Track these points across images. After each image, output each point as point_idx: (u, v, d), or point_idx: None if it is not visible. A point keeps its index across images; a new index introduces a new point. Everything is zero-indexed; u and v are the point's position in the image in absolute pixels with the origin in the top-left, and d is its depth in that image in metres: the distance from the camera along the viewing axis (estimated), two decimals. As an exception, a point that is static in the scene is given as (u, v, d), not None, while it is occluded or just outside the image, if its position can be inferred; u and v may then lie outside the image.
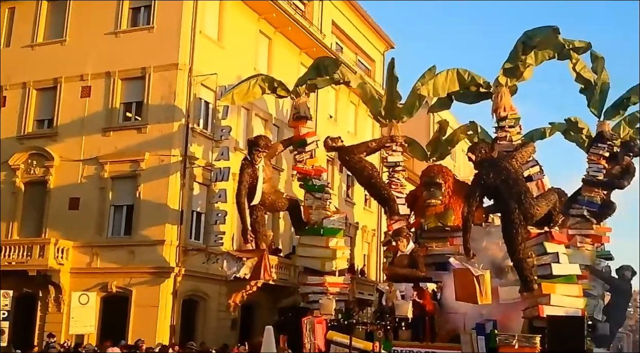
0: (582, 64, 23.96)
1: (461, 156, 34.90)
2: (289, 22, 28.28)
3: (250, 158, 21.48)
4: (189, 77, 23.65)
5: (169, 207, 22.74)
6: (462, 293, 18.19)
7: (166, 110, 23.39)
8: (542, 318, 17.81)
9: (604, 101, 24.32)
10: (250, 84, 23.24)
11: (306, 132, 23.98)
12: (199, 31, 24.23)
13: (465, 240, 18.55)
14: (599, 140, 24.16)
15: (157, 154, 23.08)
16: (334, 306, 21.50)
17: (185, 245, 22.98)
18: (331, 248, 22.78)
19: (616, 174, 24.03)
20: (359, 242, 34.49)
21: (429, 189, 23.88)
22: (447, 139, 28.27)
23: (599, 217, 24.15)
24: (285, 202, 23.41)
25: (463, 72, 23.35)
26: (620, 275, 27.34)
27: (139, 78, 24.05)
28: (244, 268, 21.03)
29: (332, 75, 24.13)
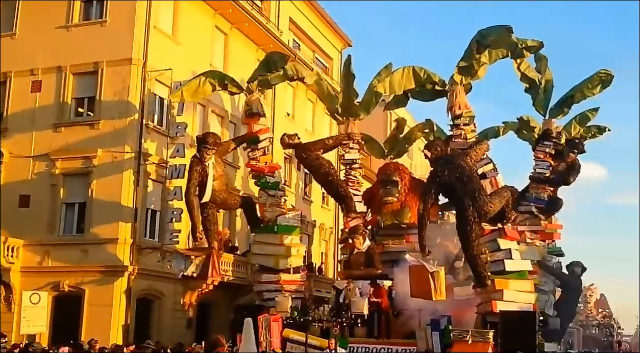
0: (526, 64, 24.30)
1: (418, 154, 35.20)
2: (246, 18, 28.08)
3: (200, 155, 21.27)
4: (142, 72, 23.31)
5: (123, 205, 22.39)
6: (417, 290, 18.29)
7: (119, 106, 23.01)
8: (495, 314, 18.01)
9: (548, 100, 24.73)
10: (201, 80, 22.89)
11: (259, 128, 23.75)
12: (153, 26, 23.90)
13: (421, 237, 18.69)
14: (545, 138, 24.56)
15: (110, 151, 22.70)
16: (289, 304, 21.41)
17: (139, 243, 22.67)
18: (285, 245, 22.70)
19: (562, 171, 24.44)
20: (316, 240, 34.49)
21: (385, 187, 24.00)
22: (404, 137, 28.38)
23: (547, 213, 24.50)
24: (238, 199, 23.25)
25: (419, 69, 23.45)
26: (571, 271, 28.01)
27: (91, 73, 23.62)
28: (192, 266, 20.90)
29: (281, 71, 23.92)
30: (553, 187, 24.68)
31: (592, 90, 24.29)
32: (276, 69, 23.81)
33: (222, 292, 24.08)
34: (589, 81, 24.35)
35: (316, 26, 36.42)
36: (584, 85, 24.43)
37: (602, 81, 24.22)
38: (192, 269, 20.92)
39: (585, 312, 75.89)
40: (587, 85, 24.34)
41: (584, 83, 24.47)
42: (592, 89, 24.27)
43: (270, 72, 23.89)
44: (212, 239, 21.69)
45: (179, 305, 23.38)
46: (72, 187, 23.34)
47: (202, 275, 21.08)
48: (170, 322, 23.52)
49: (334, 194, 25.05)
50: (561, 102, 24.85)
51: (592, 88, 24.26)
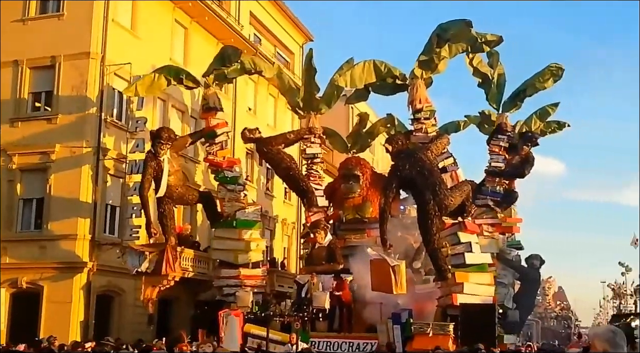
0: (478, 59, 24.51)
1: (380, 149, 35.30)
2: (206, 12, 27.87)
3: (154, 150, 21.13)
4: (101, 66, 23.03)
5: (81, 201, 22.14)
6: (378, 284, 18.39)
7: (77, 100, 22.72)
8: (456, 307, 18.23)
9: (501, 94, 24.95)
10: (155, 75, 22.64)
11: (216, 123, 23.67)
12: (112, 19, 23.62)
13: (382, 231, 18.74)
14: (499, 132, 24.78)
15: (68, 146, 22.42)
16: (250, 299, 21.41)
17: (98, 239, 22.45)
18: (245, 240, 22.70)
19: (516, 164, 24.73)
20: (278, 235, 34.47)
21: (347, 181, 24.09)
22: (367, 132, 28.50)
23: (503, 206, 24.81)
24: (196, 194, 23.13)
25: (380, 63, 23.54)
26: (530, 264, 28.37)
27: (49, 67, 23.29)
28: (146, 262, 20.79)
29: (238, 65, 23.79)
30: (508, 180, 24.96)
31: (544, 83, 24.54)
32: (230, 63, 23.66)
33: (184, 288, 23.92)
34: (540, 75, 24.60)
35: (277, 21, 36.31)
36: (535, 78, 24.68)
37: (553, 75, 24.49)
38: (145, 265, 20.82)
39: (544, 304, 77.23)
40: (538, 79, 24.59)
41: (535, 77, 24.73)
42: (544, 82, 24.52)
43: (225, 66, 23.75)
44: (169, 234, 21.56)
45: (140, 302, 23.13)
46: (29, 182, 22.99)
47: (156, 271, 20.96)
48: (131, 318, 23.31)
49: (296, 189, 25.08)
50: (514, 96, 25.10)
51: (544, 81, 24.51)
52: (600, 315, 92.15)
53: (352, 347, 19.69)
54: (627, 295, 64.52)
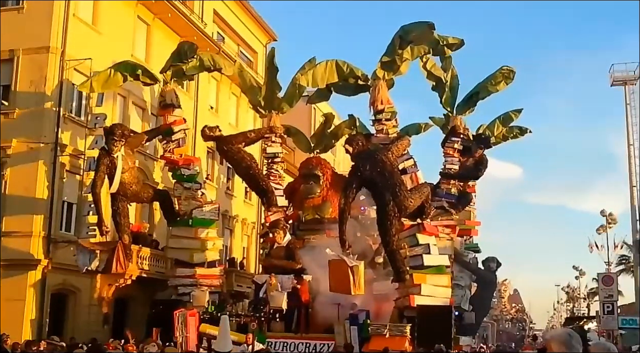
0: (432, 63, 24.73)
1: (341, 150, 35.37)
2: (169, 8, 27.62)
3: (107, 147, 20.93)
4: (61, 61, 22.65)
5: (37, 197, 21.75)
6: (336, 284, 18.42)
7: (36, 95, 22.32)
8: (413, 308, 18.42)
9: (454, 97, 25.25)
10: (111, 71, 22.39)
11: (173, 120, 23.54)
12: (73, 14, 23.25)
13: (341, 231, 18.76)
14: (453, 134, 25.06)
15: (25, 141, 21.98)
16: (206, 298, 21.32)
17: (54, 236, 22.04)
18: (200, 239, 22.60)
19: (470, 166, 25.11)
20: (238, 234, 34.33)
21: (307, 181, 24.14)
22: (331, 132, 28.56)
23: (457, 208, 25.06)
24: (151, 192, 22.95)
25: (342, 63, 23.61)
26: (486, 267, 28.73)
27: (7, 60, 22.76)
28: (96, 260, 20.60)
29: (196, 61, 23.71)
30: (463, 182, 25.28)
31: (496, 86, 24.83)
32: (186, 59, 23.52)
33: (141, 287, 23.71)
34: (492, 78, 24.87)
35: (241, 19, 36.18)
36: (487, 81, 24.95)
37: (505, 77, 24.79)
38: (96, 264, 20.63)
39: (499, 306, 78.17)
40: (490, 82, 24.87)
41: (487, 80, 24.99)
42: (496, 85, 24.81)
43: (182, 62, 23.62)
44: (122, 232, 21.36)
45: (96, 300, 22.90)
46: (-16, 177, 22.47)
47: (106, 269, 20.79)
48: (86, 317, 22.99)
49: (255, 188, 25.01)
50: (467, 99, 25.36)
51: (496, 84, 24.80)
52: (554, 318, 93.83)
53: (308, 348, 19.70)
54: (581, 299, 65.84)
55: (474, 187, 26.86)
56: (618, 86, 41.08)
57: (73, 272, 22.44)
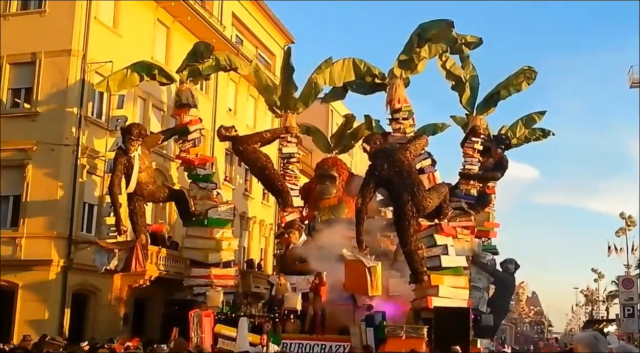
0: (451, 62, 24.46)
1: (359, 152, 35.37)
2: (188, 11, 27.88)
3: (124, 147, 21.00)
4: (82, 64, 22.91)
5: (59, 198, 22.02)
6: (353, 285, 18.27)
7: (58, 98, 22.58)
8: (430, 310, 18.17)
9: (474, 97, 24.92)
10: (128, 71, 22.46)
11: (189, 119, 23.50)
12: (94, 17, 23.53)
13: (358, 231, 18.54)
14: (473, 134, 24.76)
15: (47, 143, 22.22)
16: (221, 298, 21.16)
17: (75, 237, 22.27)
18: (215, 239, 22.52)
19: (489, 167, 24.87)
20: (256, 236, 34.47)
21: (323, 182, 24.02)
22: (351, 133, 28.40)
23: (477, 209, 24.85)
24: (167, 192, 22.96)
25: (359, 62, 23.45)
26: (504, 268, 28.34)
27: (29, 63, 23.10)
28: (114, 260, 20.55)
29: (212, 61, 23.67)
30: (482, 183, 25.04)
31: (517, 86, 24.54)
32: (202, 59, 23.51)
33: (159, 287, 23.87)
34: (514, 78, 24.59)
35: (259, 22, 36.39)
36: (508, 81, 24.65)
37: (527, 77, 24.50)
38: (114, 263, 20.56)
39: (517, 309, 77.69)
40: (512, 82, 24.58)
41: (508, 79, 24.69)
42: (517, 85, 24.52)
43: (197, 62, 23.61)
44: (139, 232, 21.39)
45: (116, 301, 23.09)
46: (6, 179, 22.73)
47: (125, 269, 20.76)
48: (106, 317, 23.20)
49: (271, 188, 24.92)
50: (487, 99, 25.05)
51: (517, 84, 24.51)
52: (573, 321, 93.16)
53: (324, 349, 19.53)
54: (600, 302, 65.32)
55: (494, 188, 26.59)
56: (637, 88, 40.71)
57: (93, 273, 22.64)
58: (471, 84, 24.74)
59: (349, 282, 18.34)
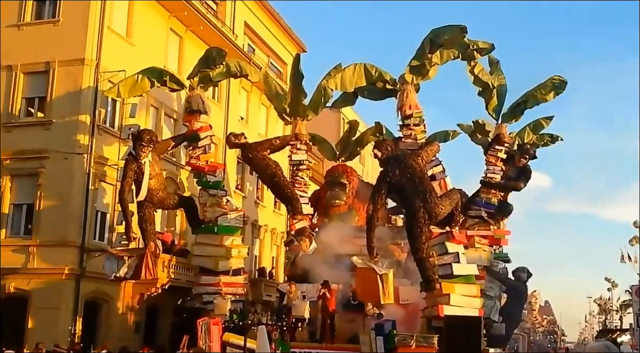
0: (480, 67, 24.10)
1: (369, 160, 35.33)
2: (201, 21, 28.07)
3: (135, 153, 20.89)
4: (95, 73, 23.09)
5: (72, 207, 22.13)
6: (364, 293, 18.12)
7: (71, 107, 22.75)
8: (441, 318, 17.84)
9: (501, 104, 24.47)
10: (138, 77, 22.38)
11: (199, 126, 23.35)
12: (107, 26, 23.72)
13: (369, 238, 18.26)
14: (497, 142, 24.28)
15: (61, 152, 22.36)
16: (228, 306, 20.91)
17: (88, 245, 22.36)
18: (225, 246, 22.36)
19: (512, 176, 24.30)
20: (267, 244, 34.50)
21: (332, 189, 23.85)
22: (356, 140, 28.22)
23: (496, 218, 24.38)
24: (176, 198, 22.81)
25: (370, 67, 23.25)
26: (517, 277, 28.07)
27: (43, 72, 23.31)
28: (124, 267, 20.41)
29: (223, 67, 23.56)
30: (503, 192, 24.47)
31: (545, 95, 24.05)
32: (214, 65, 23.41)
33: (171, 295, 23.86)
34: (542, 87, 24.08)
35: (271, 31, 36.55)
36: (537, 90, 24.16)
37: (556, 87, 24.01)
38: (124, 270, 20.42)
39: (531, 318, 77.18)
40: (540, 91, 24.08)
41: (537, 88, 24.21)
42: (545, 94, 24.03)
43: (209, 68, 23.52)
44: (149, 239, 21.23)
45: (127, 309, 23.15)
46: (20, 187, 22.96)
47: (135, 276, 20.63)
48: (118, 325, 23.25)
49: (280, 195, 24.70)
50: (514, 107, 24.59)
51: (545, 94, 24.02)
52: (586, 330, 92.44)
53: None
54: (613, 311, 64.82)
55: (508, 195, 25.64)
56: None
57: (106, 281, 22.71)
58: (499, 91, 24.25)
59: (360, 290, 18.19)
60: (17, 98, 23.48)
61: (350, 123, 29.22)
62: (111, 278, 20.94)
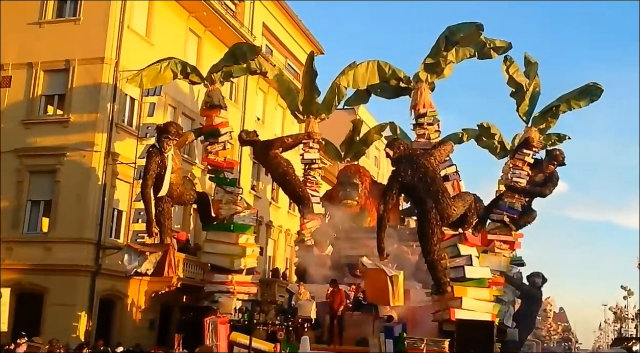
0: (515, 67, 23.50)
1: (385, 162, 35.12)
2: (219, 21, 28.22)
3: (159, 146, 20.48)
4: (114, 71, 23.28)
5: (89, 204, 22.31)
6: (374, 294, 17.78)
7: (90, 105, 22.94)
8: (452, 322, 17.39)
9: (533, 107, 23.85)
10: (162, 66, 22.11)
11: (220, 122, 23.09)
12: (127, 26, 23.91)
13: (380, 239, 17.86)
14: (525, 146, 23.64)
15: (79, 149, 22.58)
16: (233, 305, 20.47)
17: (104, 243, 22.53)
18: (241, 245, 22.01)
19: (539, 182, 23.64)
20: (281, 245, 34.53)
21: (345, 189, 23.57)
22: (361, 139, 27.85)
23: (518, 224, 23.76)
24: (194, 194, 22.37)
25: (384, 64, 22.81)
26: (531, 282, 27.38)
27: (63, 70, 23.53)
28: (146, 263, 19.94)
29: (250, 62, 23.35)
30: (528, 198, 23.80)
31: (579, 102, 23.36)
32: (244, 60, 23.15)
33: (184, 294, 23.99)
34: (577, 92, 23.42)
35: (289, 32, 36.65)
36: (571, 95, 23.49)
37: (591, 94, 23.32)
38: (146, 266, 19.97)
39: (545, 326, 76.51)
40: (574, 97, 23.42)
41: (571, 93, 23.55)
42: (580, 101, 23.35)
43: (237, 63, 23.32)
44: (166, 235, 20.83)
45: (142, 306, 23.26)
46: (38, 184, 23.18)
47: (158, 273, 20.18)
48: (133, 322, 23.41)
49: (291, 194, 24.45)
50: (545, 111, 23.92)
51: (580, 100, 23.35)
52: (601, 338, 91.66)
53: None
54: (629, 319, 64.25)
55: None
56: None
57: (121, 278, 22.89)
58: (532, 93, 23.64)
59: (370, 292, 17.89)
60: (37, 95, 23.72)
61: (353, 122, 28.59)
62: (131, 274, 20.63)
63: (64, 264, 21.78)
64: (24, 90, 23.72)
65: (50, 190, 22.85)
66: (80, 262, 21.85)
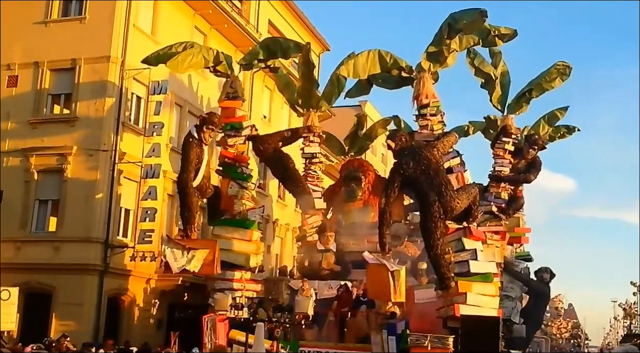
0: (480, 58, 23.20)
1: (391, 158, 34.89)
2: (225, 19, 28.22)
3: (199, 137, 19.95)
4: (121, 70, 23.30)
5: (96, 203, 22.36)
6: (375, 290, 17.43)
7: (96, 104, 22.98)
8: (457, 318, 16.90)
9: (506, 95, 23.62)
10: (194, 53, 21.52)
11: (242, 115, 22.64)
12: (133, 24, 23.94)
13: (381, 233, 17.50)
14: (504, 134, 23.49)
15: (86, 148, 22.63)
16: (229, 302, 19.67)
17: (112, 242, 22.58)
18: (254, 242, 21.56)
19: (522, 169, 23.65)
20: (289, 243, 34.49)
21: (348, 184, 23.16)
22: (365, 134, 27.43)
23: (508, 213, 23.62)
24: (212, 188, 21.83)
25: (385, 54, 22.13)
26: (539, 278, 27.16)
27: (69, 69, 23.59)
28: (195, 261, 19.09)
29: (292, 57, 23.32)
30: (513, 186, 23.80)
31: (551, 83, 23.20)
32: (285, 57, 22.75)
33: (193, 293, 24.00)
34: (547, 74, 23.25)
35: (295, 29, 36.58)
36: (541, 78, 23.32)
37: (560, 73, 23.13)
38: (195, 264, 19.07)
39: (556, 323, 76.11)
40: (545, 79, 23.25)
41: (541, 76, 23.37)
42: (551, 82, 23.19)
43: (275, 57, 22.91)
44: (191, 229, 20.12)
45: (150, 305, 23.30)
46: (45, 183, 23.24)
47: (206, 270, 19.39)
48: (141, 321, 23.48)
49: (292, 189, 24.05)
50: (519, 97, 23.74)
51: (550, 81, 23.18)
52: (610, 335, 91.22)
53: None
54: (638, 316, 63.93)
55: (522, 191, 24.99)
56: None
57: (129, 277, 23.02)
58: (502, 81, 23.37)
59: (371, 287, 17.49)
60: (43, 94, 23.79)
61: (357, 116, 28.06)
62: (176, 271, 19.70)
63: (72, 263, 21.84)
64: (31, 89, 23.78)
65: (58, 190, 22.92)
66: (88, 261, 21.91)
